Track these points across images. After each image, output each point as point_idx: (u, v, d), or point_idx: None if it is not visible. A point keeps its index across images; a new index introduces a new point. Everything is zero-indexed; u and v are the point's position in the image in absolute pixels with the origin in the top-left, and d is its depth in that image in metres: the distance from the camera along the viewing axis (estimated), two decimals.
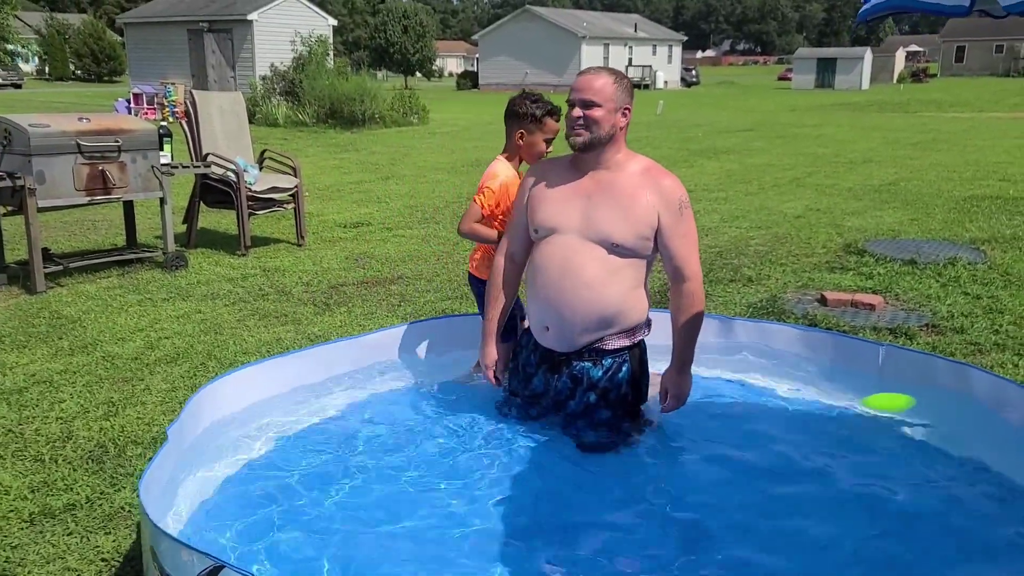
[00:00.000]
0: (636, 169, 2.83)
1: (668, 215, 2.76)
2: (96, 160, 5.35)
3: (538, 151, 3.30)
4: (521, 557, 2.30)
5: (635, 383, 2.97)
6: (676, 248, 2.79)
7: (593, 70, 2.83)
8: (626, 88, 2.81)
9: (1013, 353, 4.03)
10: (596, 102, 2.73)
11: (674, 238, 2.78)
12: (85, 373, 3.95)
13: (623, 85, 2.80)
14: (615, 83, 2.77)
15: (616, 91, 2.76)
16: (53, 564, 2.46)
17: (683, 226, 2.79)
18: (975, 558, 2.31)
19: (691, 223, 2.82)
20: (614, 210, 2.77)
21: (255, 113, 18.42)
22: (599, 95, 2.73)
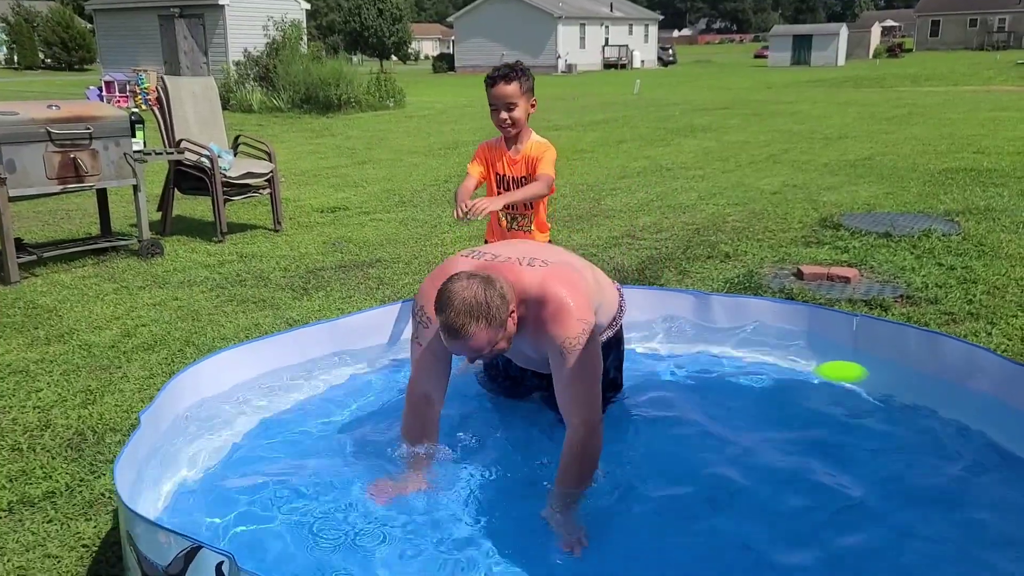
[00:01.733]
0: (529, 329, 2.47)
1: (552, 360, 2.46)
2: (67, 148, 5.28)
3: (492, 120, 3.38)
4: (500, 528, 2.31)
5: (619, 366, 2.99)
6: (559, 394, 2.46)
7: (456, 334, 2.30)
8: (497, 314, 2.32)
9: (987, 322, 4.09)
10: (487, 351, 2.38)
11: (558, 382, 2.45)
12: (62, 362, 3.92)
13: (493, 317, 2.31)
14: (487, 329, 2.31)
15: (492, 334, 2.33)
16: (33, 552, 2.45)
17: (565, 371, 2.41)
18: (944, 512, 2.36)
19: (577, 362, 2.39)
20: (523, 352, 2.62)
21: (229, 99, 18.23)
22: (486, 347, 2.35)
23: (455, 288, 2.29)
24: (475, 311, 2.26)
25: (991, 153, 9.75)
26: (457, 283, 2.31)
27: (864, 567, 2.16)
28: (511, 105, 3.28)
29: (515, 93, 3.27)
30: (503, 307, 2.32)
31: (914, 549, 2.23)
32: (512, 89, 3.27)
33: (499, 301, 2.31)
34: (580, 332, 2.40)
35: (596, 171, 9.63)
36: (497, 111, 3.30)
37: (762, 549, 2.23)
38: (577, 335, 2.40)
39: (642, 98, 22.06)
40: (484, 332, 2.28)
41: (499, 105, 3.29)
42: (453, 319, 2.26)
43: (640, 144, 12.18)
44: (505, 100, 3.27)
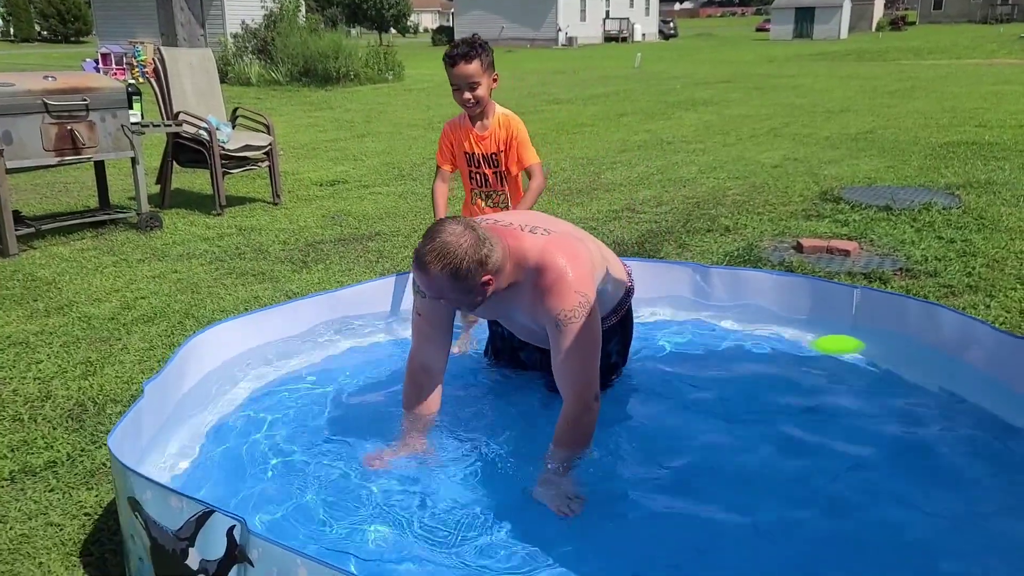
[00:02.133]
0: (526, 298, 2.45)
1: (549, 331, 2.43)
2: (64, 119, 5.25)
3: (455, 99, 3.32)
4: (496, 497, 2.33)
5: (623, 350, 3.00)
6: (555, 367, 2.43)
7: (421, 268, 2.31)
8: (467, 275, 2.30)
9: (985, 295, 4.09)
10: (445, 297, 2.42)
11: (554, 355, 2.42)
12: (62, 334, 3.93)
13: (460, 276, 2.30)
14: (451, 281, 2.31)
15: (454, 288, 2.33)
16: (35, 520, 2.47)
17: (561, 344, 2.38)
18: (939, 482, 2.38)
19: (574, 337, 2.35)
20: (523, 324, 2.62)
21: (227, 73, 18.10)
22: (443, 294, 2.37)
23: (447, 228, 2.29)
24: (447, 259, 2.24)
25: (993, 127, 9.71)
26: (452, 225, 2.30)
27: (863, 539, 2.17)
28: (474, 84, 3.21)
29: (476, 71, 3.19)
30: (475, 273, 2.28)
31: (912, 520, 2.24)
32: (474, 68, 3.19)
33: (475, 266, 2.27)
34: (577, 305, 2.36)
35: (596, 145, 9.59)
36: (460, 91, 3.23)
37: (760, 521, 2.24)
38: (573, 307, 2.36)
39: (643, 71, 21.92)
40: (445, 283, 2.28)
41: (461, 85, 3.21)
42: (424, 252, 2.27)
43: (641, 118, 12.12)
44: (467, 79, 3.20)
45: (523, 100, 14.87)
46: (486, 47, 3.23)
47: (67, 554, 2.31)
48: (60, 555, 2.31)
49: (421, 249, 2.29)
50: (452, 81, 3.23)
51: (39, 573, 2.24)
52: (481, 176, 3.45)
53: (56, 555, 2.31)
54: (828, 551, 2.12)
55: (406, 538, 2.16)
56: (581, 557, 2.10)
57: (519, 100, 14.80)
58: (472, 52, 3.18)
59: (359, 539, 2.15)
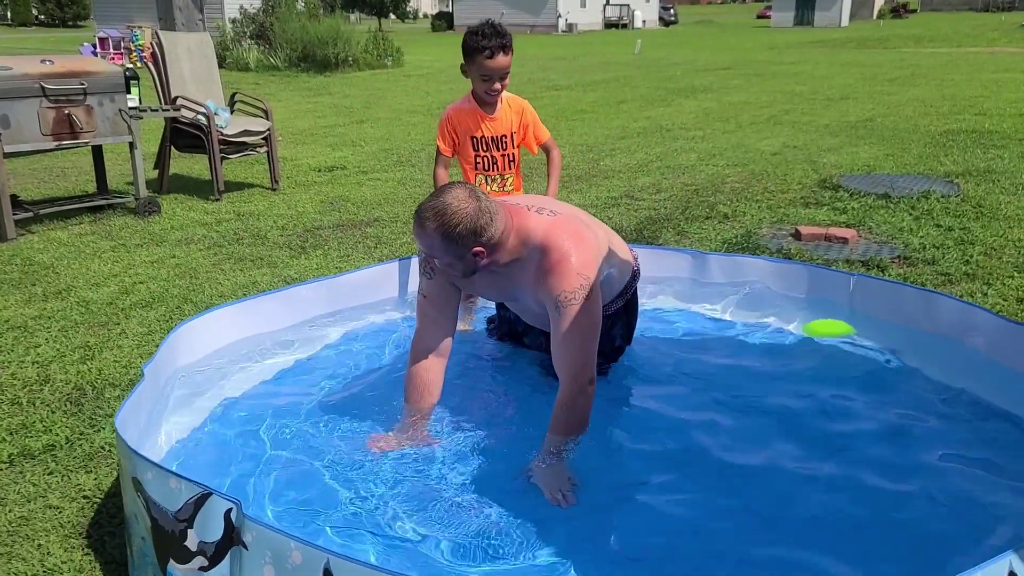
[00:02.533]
0: (529, 278, 2.46)
1: (549, 312, 2.43)
2: (62, 104, 5.24)
3: (478, 89, 3.25)
4: (497, 482, 2.34)
5: (627, 334, 3.00)
6: (553, 348, 2.44)
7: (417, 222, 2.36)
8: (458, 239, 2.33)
9: (983, 283, 4.10)
10: (433, 255, 2.46)
11: (553, 336, 2.43)
12: (60, 318, 3.93)
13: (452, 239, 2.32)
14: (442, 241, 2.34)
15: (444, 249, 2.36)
16: (34, 502, 2.48)
17: (560, 325, 2.38)
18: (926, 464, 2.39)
19: (573, 319, 2.36)
20: (526, 305, 2.65)
21: (225, 58, 18.04)
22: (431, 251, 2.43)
23: (453, 190, 2.34)
24: (442, 219, 2.29)
25: (993, 115, 9.69)
26: (459, 189, 2.35)
27: (856, 520, 2.18)
28: (506, 74, 3.18)
29: (510, 62, 3.17)
30: (467, 239, 2.32)
31: (905, 502, 2.25)
32: (510, 59, 3.16)
33: (467, 233, 2.30)
34: (578, 287, 2.37)
35: (596, 131, 9.57)
36: (491, 81, 3.17)
37: (754, 503, 2.26)
38: (575, 289, 2.36)
39: (643, 58, 21.84)
40: (437, 242, 2.32)
41: (494, 76, 3.15)
42: (425, 207, 2.33)
43: (640, 104, 12.09)
44: (503, 71, 3.16)
45: (523, 86, 14.82)
46: (508, 33, 3.20)
47: (66, 536, 2.33)
48: (59, 537, 2.32)
49: (423, 204, 2.34)
50: (484, 73, 3.15)
51: (38, 555, 2.25)
52: (489, 160, 3.39)
53: (55, 537, 2.32)
54: (821, 533, 2.13)
55: (402, 522, 2.17)
56: (577, 540, 2.11)
57: (519, 86, 14.75)
58: (508, 43, 3.12)
59: (355, 523, 2.16)
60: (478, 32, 3.13)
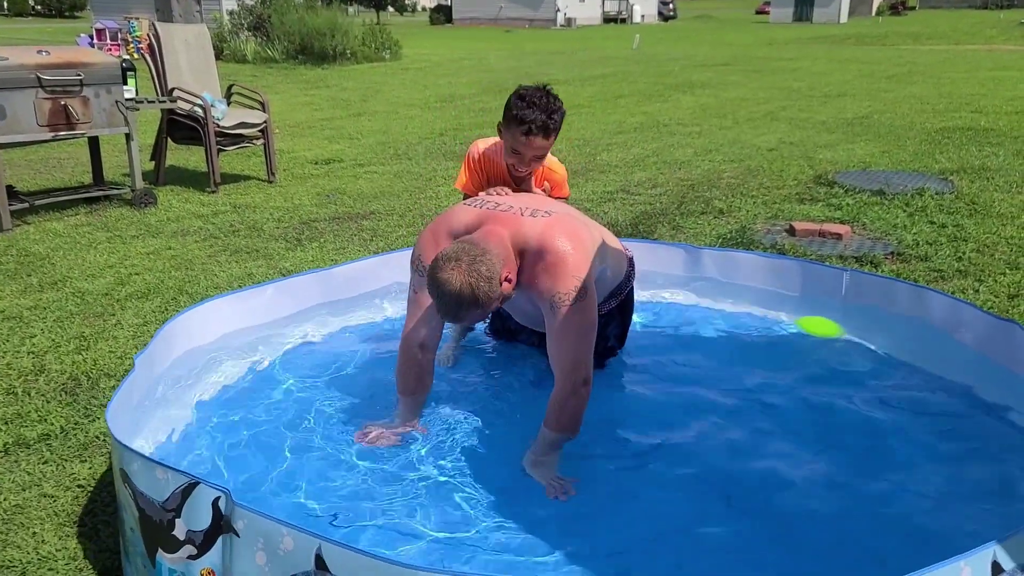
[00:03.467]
0: (525, 279, 2.43)
1: (544, 313, 2.43)
2: (58, 94, 5.24)
3: (506, 158, 2.86)
4: (489, 475, 2.36)
5: (621, 335, 3.01)
6: (548, 347, 2.44)
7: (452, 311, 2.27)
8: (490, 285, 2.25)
9: (975, 279, 4.12)
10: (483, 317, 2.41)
11: (548, 336, 2.43)
12: (55, 309, 3.94)
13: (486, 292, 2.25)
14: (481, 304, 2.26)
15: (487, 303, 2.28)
16: (29, 491, 2.50)
17: (555, 326, 2.39)
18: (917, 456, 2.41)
19: (568, 319, 2.36)
20: (520, 306, 2.64)
21: (223, 50, 18.00)
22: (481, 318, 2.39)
23: (441, 279, 2.21)
24: (465, 301, 2.22)
25: (989, 113, 9.71)
26: (442, 274, 2.21)
27: (844, 513, 2.20)
28: (541, 157, 2.78)
29: (548, 145, 2.74)
30: (493, 286, 2.24)
31: (894, 495, 2.27)
32: (548, 143, 2.73)
33: (486, 285, 2.22)
34: (573, 288, 2.37)
35: (593, 126, 9.58)
36: (520, 158, 2.76)
37: (745, 498, 2.28)
38: (569, 290, 2.37)
39: (641, 53, 21.83)
40: (478, 313, 2.27)
41: (525, 156, 2.75)
42: (446, 310, 2.26)
43: (638, 99, 12.09)
44: (538, 153, 2.76)
45: (521, 80, 14.70)
46: (559, 111, 2.73)
47: (60, 524, 2.34)
48: (53, 525, 2.34)
49: (442, 308, 2.26)
50: (516, 148, 2.74)
51: (33, 543, 2.27)
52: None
53: (49, 525, 2.34)
54: (810, 527, 2.15)
55: (393, 512, 2.19)
56: (568, 533, 2.13)
57: (517, 80, 14.69)
58: (555, 124, 2.71)
59: (346, 512, 2.18)
60: (526, 98, 2.70)
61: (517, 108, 2.69)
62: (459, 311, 2.25)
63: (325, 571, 1.60)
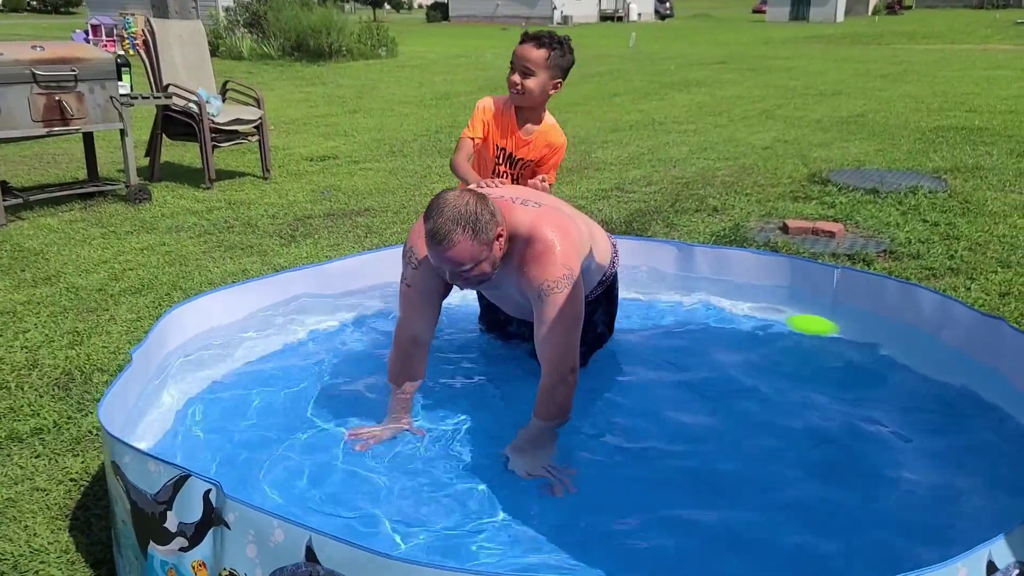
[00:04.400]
0: (514, 267, 2.48)
1: (532, 301, 2.47)
2: (52, 90, 5.23)
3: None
4: (483, 470, 2.37)
5: (609, 321, 3.03)
6: (535, 336, 2.46)
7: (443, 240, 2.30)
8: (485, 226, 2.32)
9: (966, 277, 4.14)
10: (469, 267, 2.37)
11: (535, 325, 2.46)
12: (49, 304, 3.94)
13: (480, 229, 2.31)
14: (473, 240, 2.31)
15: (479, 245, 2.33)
16: (21, 485, 2.50)
17: (542, 314, 2.42)
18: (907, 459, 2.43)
19: (556, 308, 2.40)
20: (508, 296, 2.67)
21: (219, 46, 17.95)
22: (468, 261, 2.35)
23: (448, 197, 2.30)
24: (464, 220, 2.26)
25: (983, 112, 9.74)
26: (450, 194, 2.32)
27: (835, 511, 2.21)
28: (527, 71, 2.95)
29: (538, 61, 2.94)
30: (492, 224, 2.32)
31: (888, 496, 2.28)
32: (537, 55, 2.94)
33: (488, 217, 2.31)
34: (561, 277, 2.41)
35: (588, 124, 9.59)
36: (513, 71, 3.00)
37: (738, 496, 2.29)
38: (558, 279, 2.41)
39: (638, 51, 21.84)
40: (469, 244, 2.28)
41: (516, 66, 2.98)
42: (440, 225, 2.26)
43: (633, 97, 12.11)
44: (524, 63, 2.96)
45: None
46: (565, 47, 2.98)
47: (52, 518, 2.35)
48: (46, 519, 2.35)
49: (434, 226, 2.27)
50: (512, 60, 3.01)
51: (25, 536, 2.27)
52: (499, 173, 3.17)
53: (42, 519, 2.34)
54: (801, 524, 2.16)
55: (385, 507, 2.20)
56: (559, 528, 2.13)
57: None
58: (545, 40, 2.96)
59: (338, 507, 2.19)
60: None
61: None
62: (452, 232, 2.25)
63: (315, 563, 1.61)
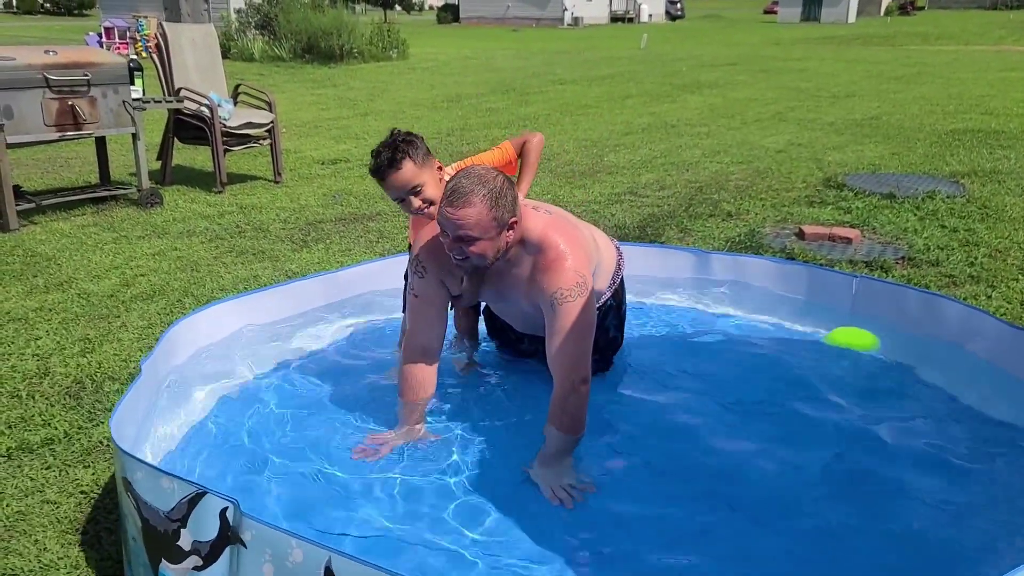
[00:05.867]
0: (524, 275, 2.46)
1: (544, 310, 2.43)
2: (65, 95, 5.22)
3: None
4: (496, 482, 2.33)
5: (619, 324, 2.99)
6: (548, 346, 2.41)
7: (460, 198, 2.26)
8: (504, 204, 2.30)
9: (987, 285, 4.08)
10: (474, 236, 2.30)
11: (547, 335, 2.42)
12: (61, 310, 3.92)
13: (499, 204, 2.29)
14: (489, 210, 2.27)
15: (492, 218, 2.28)
16: (31, 497, 2.48)
17: (555, 324, 2.38)
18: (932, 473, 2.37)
19: (568, 317, 2.36)
20: (516, 307, 2.63)
21: (230, 48, 18.00)
22: (475, 229, 2.28)
23: (479, 167, 2.36)
24: (488, 187, 2.28)
25: (999, 114, 9.65)
26: (479, 166, 2.36)
27: (856, 526, 2.17)
28: (417, 187, 2.59)
29: (413, 174, 2.58)
30: (511, 207, 2.32)
31: (904, 510, 2.23)
32: (408, 172, 2.57)
33: (511, 200, 2.32)
34: (575, 285, 2.38)
35: (600, 127, 9.54)
36: (405, 203, 2.63)
37: (755, 507, 2.24)
38: (571, 287, 2.38)
39: (649, 53, 21.77)
40: (484, 211, 2.26)
41: (403, 195, 2.61)
42: (464, 184, 2.28)
43: (645, 100, 12.05)
44: (408, 187, 2.59)
45: (528, 80, 14.79)
46: (411, 140, 2.61)
47: (63, 532, 2.32)
48: (56, 533, 2.32)
49: (457, 184, 2.28)
50: (391, 196, 2.66)
51: (35, 550, 2.25)
52: None
53: (52, 533, 2.32)
54: (822, 539, 2.12)
55: (399, 521, 2.16)
56: (576, 543, 2.10)
57: (524, 80, 14.72)
58: (397, 155, 2.56)
59: (352, 522, 2.15)
60: (373, 152, 2.63)
61: (370, 168, 2.65)
62: (472, 193, 2.26)
63: None
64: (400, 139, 2.60)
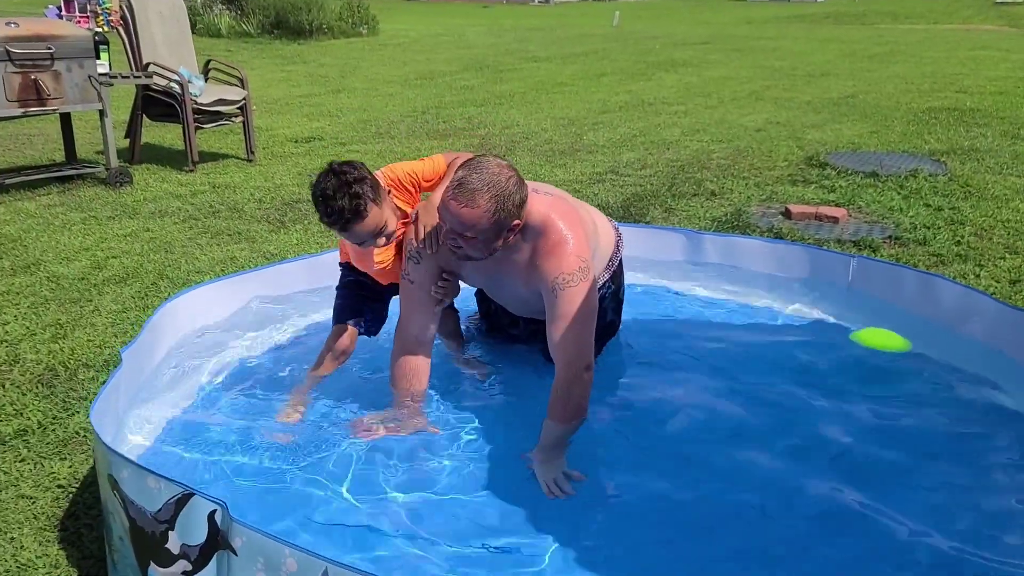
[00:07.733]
0: (524, 259, 2.37)
1: (545, 296, 2.34)
2: (28, 68, 5.01)
3: None
4: (488, 471, 2.26)
5: (617, 307, 2.91)
6: (548, 333, 2.32)
7: (465, 195, 2.15)
8: (509, 208, 2.20)
9: (975, 264, 4.06)
10: (470, 236, 2.21)
11: (548, 321, 2.34)
12: (29, 294, 3.77)
13: (504, 208, 2.18)
14: (492, 214, 2.17)
15: (493, 222, 2.19)
16: (6, 491, 2.35)
17: (556, 309, 2.30)
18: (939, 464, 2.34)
19: (571, 303, 2.28)
20: (513, 291, 2.53)
21: (196, 24, 17.53)
22: (473, 229, 2.19)
23: (493, 162, 2.21)
24: (496, 191, 2.16)
25: (973, 92, 9.69)
26: (494, 161, 2.22)
27: (859, 516, 2.12)
28: (380, 230, 2.38)
29: (377, 217, 2.33)
30: (514, 213, 2.22)
31: (909, 499, 2.19)
32: (373, 218, 2.32)
33: (516, 205, 2.21)
34: (576, 270, 2.30)
35: (577, 105, 9.43)
36: (366, 243, 2.42)
37: (757, 498, 2.20)
38: (572, 272, 2.30)
39: (621, 31, 21.63)
40: (486, 217, 2.16)
41: (367, 240, 2.40)
42: (472, 181, 2.16)
43: (621, 78, 11.94)
44: (375, 231, 2.37)
45: (501, 57, 14.60)
46: (362, 178, 2.31)
47: (40, 529, 2.21)
48: (33, 530, 2.20)
49: (467, 177, 2.17)
50: (352, 241, 2.44)
51: (11, 549, 2.13)
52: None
53: (29, 530, 2.20)
54: (825, 529, 2.07)
55: (393, 515, 2.08)
56: (575, 534, 2.04)
57: (497, 57, 14.52)
58: (358, 202, 2.28)
59: (343, 515, 2.07)
60: (319, 192, 2.34)
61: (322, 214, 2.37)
62: (478, 193, 2.14)
63: None
64: (351, 178, 2.28)
